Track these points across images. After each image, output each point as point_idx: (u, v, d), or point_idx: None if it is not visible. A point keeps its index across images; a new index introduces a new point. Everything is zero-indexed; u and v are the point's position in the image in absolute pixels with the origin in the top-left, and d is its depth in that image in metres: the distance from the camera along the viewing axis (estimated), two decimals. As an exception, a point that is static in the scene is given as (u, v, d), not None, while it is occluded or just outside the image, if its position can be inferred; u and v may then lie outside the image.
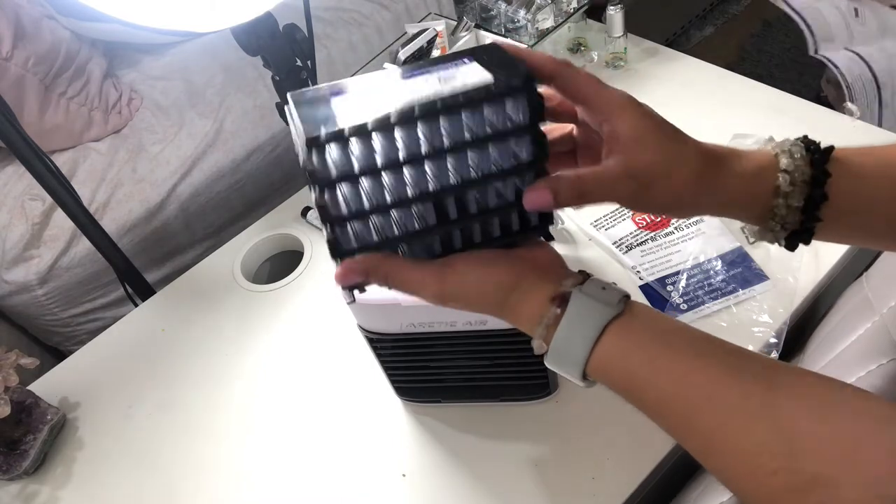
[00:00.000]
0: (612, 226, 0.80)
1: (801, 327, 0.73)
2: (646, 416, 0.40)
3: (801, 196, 0.40)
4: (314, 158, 0.38)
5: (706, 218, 0.78)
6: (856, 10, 0.93)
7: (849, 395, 0.35)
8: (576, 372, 0.41)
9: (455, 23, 1.04)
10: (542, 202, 0.41)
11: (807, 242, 0.43)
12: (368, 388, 0.72)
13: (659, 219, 0.79)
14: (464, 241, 0.43)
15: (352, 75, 0.96)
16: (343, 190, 0.39)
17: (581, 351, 0.40)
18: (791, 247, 0.44)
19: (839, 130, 0.85)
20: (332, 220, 0.40)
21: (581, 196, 0.40)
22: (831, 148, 0.41)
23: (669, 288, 0.73)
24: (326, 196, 0.39)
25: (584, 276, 0.42)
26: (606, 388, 0.41)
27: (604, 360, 0.40)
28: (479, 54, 0.42)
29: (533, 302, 0.42)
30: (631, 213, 0.80)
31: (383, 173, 0.39)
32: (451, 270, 0.42)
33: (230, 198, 1.40)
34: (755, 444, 0.35)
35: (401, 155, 0.39)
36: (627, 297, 0.41)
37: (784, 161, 0.41)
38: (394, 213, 0.41)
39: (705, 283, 0.73)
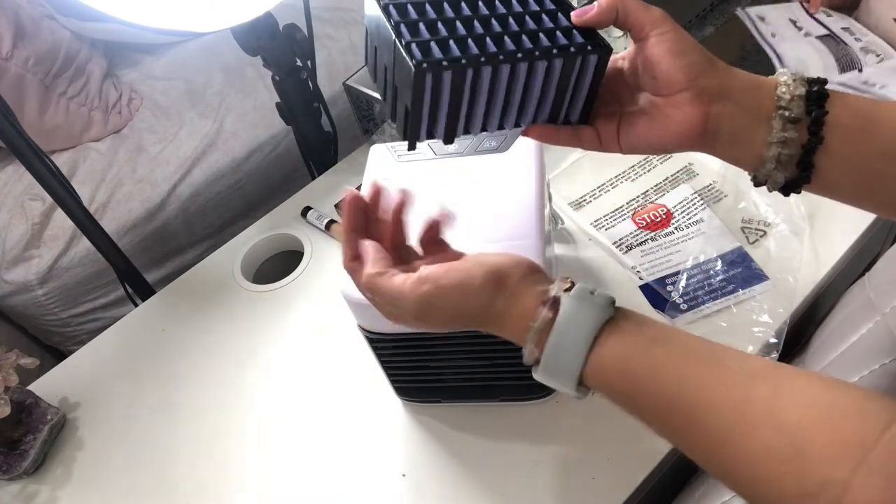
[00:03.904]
0: (612, 226, 0.80)
1: (802, 327, 0.73)
2: (644, 421, 0.39)
3: (800, 106, 0.41)
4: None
5: (706, 218, 0.77)
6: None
7: (852, 395, 0.35)
8: (571, 379, 0.40)
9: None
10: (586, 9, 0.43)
11: (807, 174, 0.43)
12: (368, 388, 0.72)
13: (659, 219, 0.79)
14: (515, 43, 0.44)
15: (352, 75, 0.96)
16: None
17: (578, 355, 0.39)
18: (791, 185, 0.44)
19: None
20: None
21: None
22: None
23: (669, 288, 0.73)
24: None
25: (571, 281, 0.41)
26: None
27: (602, 364, 0.39)
28: None
29: (520, 308, 0.41)
30: (631, 213, 0.80)
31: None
32: (427, 279, 0.42)
33: (230, 198, 1.40)
34: (762, 448, 0.34)
35: None
36: (614, 301, 0.41)
37: (783, 79, 0.43)
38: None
39: (705, 283, 0.73)
